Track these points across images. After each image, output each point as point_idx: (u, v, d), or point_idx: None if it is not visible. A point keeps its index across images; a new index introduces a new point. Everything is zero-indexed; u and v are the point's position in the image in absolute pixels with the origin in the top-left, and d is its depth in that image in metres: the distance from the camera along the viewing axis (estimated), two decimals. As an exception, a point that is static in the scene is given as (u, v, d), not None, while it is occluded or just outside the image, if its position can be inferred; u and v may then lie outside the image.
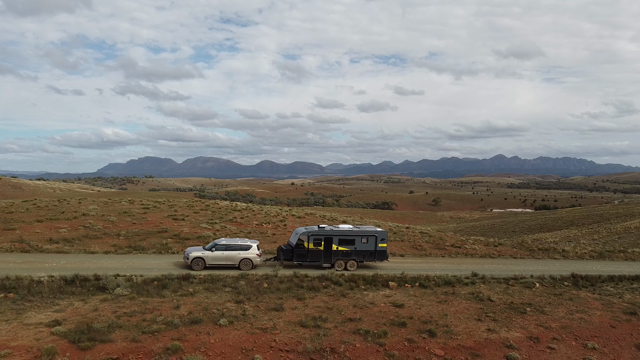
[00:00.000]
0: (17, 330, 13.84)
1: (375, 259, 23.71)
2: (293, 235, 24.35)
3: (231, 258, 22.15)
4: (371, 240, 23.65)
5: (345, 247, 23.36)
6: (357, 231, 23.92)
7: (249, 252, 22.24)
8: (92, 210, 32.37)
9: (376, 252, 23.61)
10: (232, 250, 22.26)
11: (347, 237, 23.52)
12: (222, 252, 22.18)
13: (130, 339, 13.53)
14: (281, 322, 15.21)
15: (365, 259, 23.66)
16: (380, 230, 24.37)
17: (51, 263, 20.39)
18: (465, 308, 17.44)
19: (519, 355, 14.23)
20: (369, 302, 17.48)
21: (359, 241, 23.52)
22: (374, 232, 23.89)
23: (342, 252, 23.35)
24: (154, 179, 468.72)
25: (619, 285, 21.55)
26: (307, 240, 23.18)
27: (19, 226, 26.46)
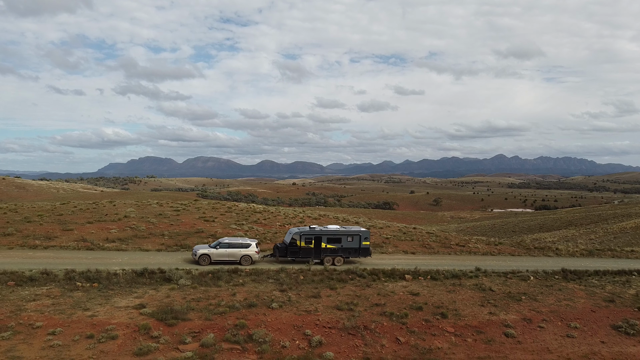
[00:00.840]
0: (112, 311, 17.27)
1: (359, 255, 26.67)
2: (287, 235, 27.35)
3: (233, 255, 25.13)
4: (356, 238, 26.66)
5: (333, 245, 26.43)
6: (344, 231, 26.96)
7: (249, 250, 25.29)
8: (130, 212, 35.77)
9: (360, 249, 26.59)
10: (233, 248, 25.24)
11: (334, 236, 26.58)
12: (225, 249, 25.14)
13: (204, 318, 16.97)
14: (320, 306, 18.63)
15: (351, 255, 26.65)
16: (364, 230, 27.40)
17: (117, 259, 23.83)
18: (470, 296, 20.83)
19: (515, 332, 17.63)
20: (390, 291, 20.87)
21: (345, 240, 26.56)
22: (358, 232, 26.92)
23: (330, 249, 26.39)
24: (155, 179, 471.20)
25: (603, 279, 24.90)
26: (300, 239, 26.22)
27: (74, 227, 29.89)
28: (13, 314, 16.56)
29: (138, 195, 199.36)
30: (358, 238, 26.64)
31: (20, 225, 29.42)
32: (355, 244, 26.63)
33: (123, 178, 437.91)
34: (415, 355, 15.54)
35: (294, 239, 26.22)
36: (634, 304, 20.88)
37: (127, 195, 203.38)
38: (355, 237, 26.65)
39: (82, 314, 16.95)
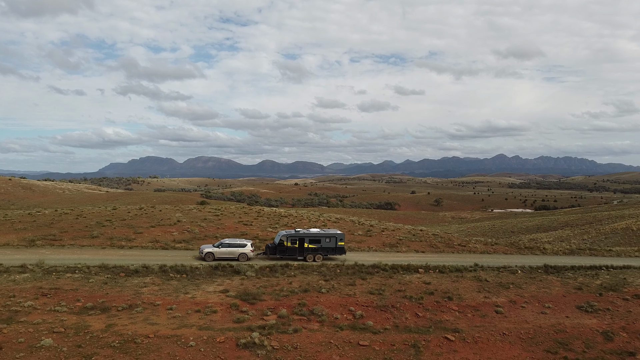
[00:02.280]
0: (205, 294, 23.41)
1: (336, 253, 31.47)
2: (277, 236, 32.23)
3: (232, 253, 29.89)
4: (333, 240, 31.51)
5: (314, 245, 31.26)
6: (323, 233, 31.77)
7: (245, 249, 30.31)
8: (180, 217, 41.89)
9: (337, 248, 31.44)
10: (233, 247, 30.05)
11: (315, 238, 31.39)
12: (226, 248, 29.93)
13: (274, 299, 23.10)
14: (357, 291, 24.75)
15: (329, 253, 31.37)
16: (340, 232, 32.29)
17: (189, 256, 29.97)
18: (470, 285, 26.92)
19: (503, 310, 23.72)
20: (408, 281, 26.96)
21: (324, 241, 31.41)
22: (335, 234, 31.82)
23: (312, 248, 31.21)
24: (158, 179, 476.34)
25: (577, 272, 30.94)
26: (287, 240, 31.07)
27: (143, 231, 36.04)
28: (135, 296, 22.70)
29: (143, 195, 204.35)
30: (335, 239, 31.66)
31: (99, 229, 35.56)
32: (332, 244, 31.53)
33: (126, 178, 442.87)
34: (430, 324, 21.65)
35: (282, 240, 31.25)
36: (597, 291, 26.98)
37: (132, 195, 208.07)
38: (332, 239, 31.65)
39: (184, 296, 23.09)
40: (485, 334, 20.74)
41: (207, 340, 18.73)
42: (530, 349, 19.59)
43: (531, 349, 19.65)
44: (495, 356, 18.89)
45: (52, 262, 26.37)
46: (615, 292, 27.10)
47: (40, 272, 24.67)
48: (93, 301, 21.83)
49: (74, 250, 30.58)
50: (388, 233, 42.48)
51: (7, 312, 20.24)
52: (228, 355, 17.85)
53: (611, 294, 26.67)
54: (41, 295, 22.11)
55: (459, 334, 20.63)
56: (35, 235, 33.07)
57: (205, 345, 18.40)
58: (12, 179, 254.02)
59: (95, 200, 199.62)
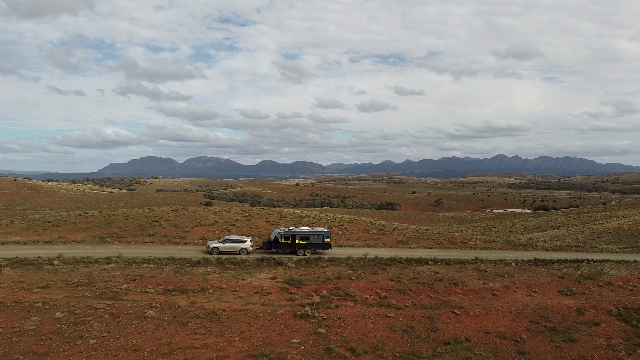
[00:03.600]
0: (258, 280, 29.08)
1: (323, 248, 36.14)
2: (272, 234, 36.92)
3: (234, 247, 34.46)
4: (320, 237, 36.21)
5: (303, 241, 35.90)
6: (312, 231, 36.51)
7: (245, 244, 35.02)
8: (215, 218, 47.53)
9: (323, 244, 36.17)
10: (235, 243, 34.74)
11: (305, 235, 36.05)
12: (230, 243, 34.49)
13: (314, 284, 28.76)
14: (379, 278, 30.41)
15: (317, 248, 36.00)
16: (326, 230, 37.06)
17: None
18: (471, 274, 32.57)
19: (498, 293, 29.35)
20: (420, 271, 32.61)
21: (313, 237, 36.14)
22: (322, 232, 36.51)
23: (302, 244, 35.84)
24: (160, 180, 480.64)
25: (561, 265, 36.58)
26: (281, 237, 35.73)
27: (189, 230, 41.72)
28: (204, 282, 28.37)
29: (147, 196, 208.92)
30: (322, 236, 36.46)
31: (152, 229, 41.23)
32: (320, 240, 36.29)
33: (128, 179, 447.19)
34: (440, 303, 27.33)
35: (277, 236, 35.99)
36: (576, 279, 32.63)
37: (136, 196, 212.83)
38: (320, 236, 36.44)
39: (242, 281, 28.77)
40: (484, 309, 26.42)
41: (271, 313, 24.42)
42: (518, 320, 25.25)
43: (519, 320, 25.30)
44: (492, 325, 24.54)
45: (128, 255, 32.05)
46: (592, 280, 32.74)
47: (122, 263, 30.36)
48: (172, 285, 27.51)
49: (139, 245, 36.25)
50: (398, 232, 48.12)
51: (110, 292, 25.90)
52: (289, 323, 23.53)
53: (588, 282, 32.31)
54: (130, 280, 27.79)
55: (463, 309, 26.31)
56: (102, 234, 38.78)
57: (270, 316, 24.08)
58: (17, 180, 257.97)
59: (101, 201, 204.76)
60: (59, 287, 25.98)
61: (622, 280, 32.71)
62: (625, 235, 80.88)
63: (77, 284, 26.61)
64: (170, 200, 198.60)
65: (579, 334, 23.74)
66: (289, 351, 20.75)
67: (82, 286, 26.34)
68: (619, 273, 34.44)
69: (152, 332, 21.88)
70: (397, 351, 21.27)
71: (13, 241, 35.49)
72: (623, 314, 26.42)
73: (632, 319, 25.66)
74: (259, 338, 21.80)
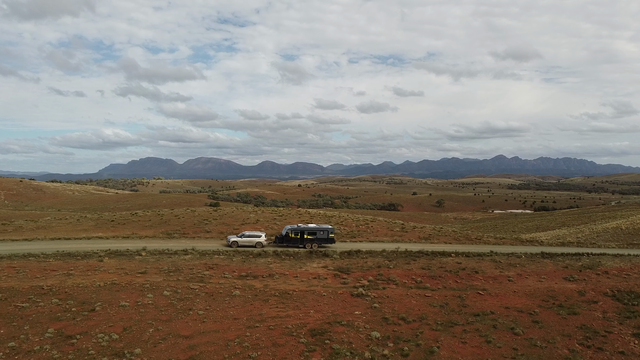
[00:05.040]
0: (313, 268, 34.84)
1: (328, 242, 41.15)
2: (283, 229, 42.36)
3: (251, 241, 39.69)
4: (325, 232, 41.32)
5: (311, 236, 40.95)
6: (318, 227, 41.82)
7: (261, 239, 40.33)
8: (255, 217, 53.28)
9: (328, 239, 41.20)
10: (251, 237, 40.06)
11: (312, 231, 41.16)
12: (247, 238, 39.75)
13: (360, 271, 34.50)
14: (413, 267, 36.16)
15: (322, 242, 40.97)
16: (330, 227, 42.32)
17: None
18: (489, 264, 38.31)
19: (513, 279, 35.09)
20: (445, 261, 38.34)
21: (319, 233, 41.28)
22: (327, 228, 41.76)
23: (309, 239, 40.79)
24: (162, 181, 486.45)
25: (565, 257, 42.32)
26: (291, 232, 41.00)
27: (238, 227, 47.45)
28: (268, 269, 34.11)
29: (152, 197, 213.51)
30: (327, 232, 41.56)
31: (207, 226, 47.00)
32: (325, 235, 41.34)
33: (131, 180, 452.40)
34: (466, 286, 33.07)
35: (288, 232, 41.35)
36: (578, 269, 38.39)
37: (141, 196, 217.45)
38: (325, 232, 41.55)
39: (299, 269, 34.52)
40: (502, 291, 32.20)
41: (332, 293, 30.19)
42: (531, 299, 30.99)
43: (532, 299, 31.05)
44: (510, 302, 30.29)
45: (199, 248, 37.80)
46: (591, 269, 38.48)
47: (197, 254, 36.14)
48: (244, 272, 33.27)
49: (202, 240, 42.04)
50: (418, 230, 53.90)
51: (197, 277, 31.65)
52: (349, 300, 29.29)
53: (588, 271, 38.06)
54: (209, 268, 33.54)
55: (486, 291, 32.09)
56: (167, 231, 44.59)
57: (332, 295, 29.84)
58: (23, 181, 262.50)
59: (107, 202, 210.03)
60: (154, 273, 31.74)
61: (616, 270, 38.47)
62: (623, 234, 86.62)
63: (168, 270, 32.37)
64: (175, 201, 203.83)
65: (580, 309, 29.47)
66: (354, 320, 26.49)
67: (172, 272, 32.11)
68: (614, 264, 40.21)
69: (242, 306, 27.62)
70: (438, 320, 27.02)
71: (97, 236, 41.27)
72: (617, 295, 32.16)
73: (624, 298, 31.40)
74: (328, 311, 27.55)
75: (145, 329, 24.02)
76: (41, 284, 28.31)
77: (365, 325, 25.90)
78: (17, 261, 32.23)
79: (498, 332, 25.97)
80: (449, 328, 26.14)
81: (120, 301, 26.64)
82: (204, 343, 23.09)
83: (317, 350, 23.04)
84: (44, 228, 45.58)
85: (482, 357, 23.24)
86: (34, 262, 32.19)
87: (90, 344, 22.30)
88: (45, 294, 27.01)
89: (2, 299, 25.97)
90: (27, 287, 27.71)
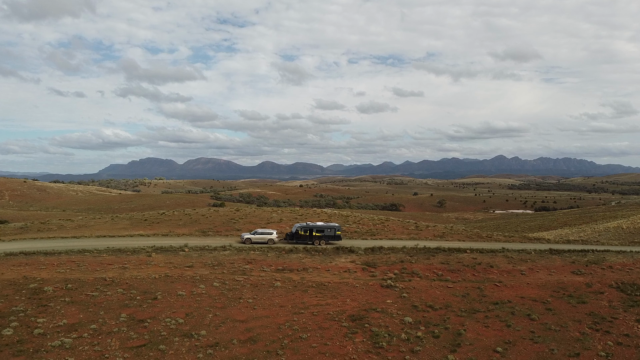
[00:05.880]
0: (342, 263, 37.98)
1: (335, 239, 43.91)
2: (293, 227, 45.14)
3: (263, 238, 42.53)
4: (332, 230, 44.15)
5: (319, 233, 43.95)
6: (325, 225, 44.69)
7: (272, 236, 43.68)
8: (279, 217, 56.39)
9: (335, 236, 44.14)
10: (264, 235, 43.08)
11: (320, 228, 44.07)
12: (259, 235, 42.56)
13: (385, 265, 37.64)
14: (433, 262, 39.30)
15: (329, 239, 43.78)
16: (337, 225, 45.21)
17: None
18: (502, 260, 41.44)
19: (525, 273, 38.23)
20: (461, 257, 41.47)
21: (327, 230, 44.14)
22: (334, 226, 44.63)
23: (318, 236, 43.83)
24: (164, 181, 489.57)
25: (571, 253, 45.44)
26: (301, 230, 43.95)
27: (264, 225, 50.52)
28: (301, 264, 37.23)
29: (156, 197, 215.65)
30: (334, 230, 44.44)
31: (235, 225, 50.11)
32: (332, 233, 44.14)
33: (133, 180, 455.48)
34: (483, 279, 36.21)
35: (298, 229, 44.34)
36: (584, 264, 41.52)
37: (145, 197, 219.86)
38: (332, 229, 44.43)
39: (330, 264, 37.65)
40: (517, 283, 35.34)
41: (364, 284, 33.33)
42: (543, 290, 34.12)
43: (544, 290, 34.18)
44: (525, 292, 33.42)
45: (235, 245, 40.90)
46: (597, 264, 41.62)
47: (234, 250, 39.27)
48: (280, 266, 36.40)
49: (234, 237, 45.25)
50: (431, 228, 57.05)
51: (239, 270, 34.78)
52: (379, 291, 32.43)
53: (593, 266, 41.20)
54: (247, 262, 36.68)
55: (502, 283, 35.23)
56: (201, 229, 47.74)
57: (364, 287, 32.98)
58: (27, 181, 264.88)
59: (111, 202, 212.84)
60: (200, 267, 34.88)
61: (620, 265, 41.61)
62: (624, 234, 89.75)
63: (212, 264, 35.52)
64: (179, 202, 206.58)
65: (588, 299, 32.59)
66: (387, 307, 29.62)
67: (216, 266, 35.25)
68: (618, 260, 43.36)
69: (285, 295, 30.75)
70: (462, 308, 30.15)
71: (138, 234, 44.41)
72: (621, 286, 35.29)
73: (627, 290, 34.54)
74: (363, 299, 30.68)
75: (205, 314, 27.14)
76: (103, 276, 31.44)
77: (398, 312, 29.03)
78: (75, 256, 35.37)
79: (516, 317, 29.10)
80: (472, 314, 29.28)
81: (177, 291, 29.76)
82: (259, 326, 26.21)
83: (359, 332, 26.18)
84: (84, 227, 48.70)
85: (504, 339, 26.37)
86: (89, 257, 35.33)
87: (160, 326, 25.41)
88: (109, 284, 30.12)
89: (73, 288, 29.08)
90: (92, 278, 30.83)
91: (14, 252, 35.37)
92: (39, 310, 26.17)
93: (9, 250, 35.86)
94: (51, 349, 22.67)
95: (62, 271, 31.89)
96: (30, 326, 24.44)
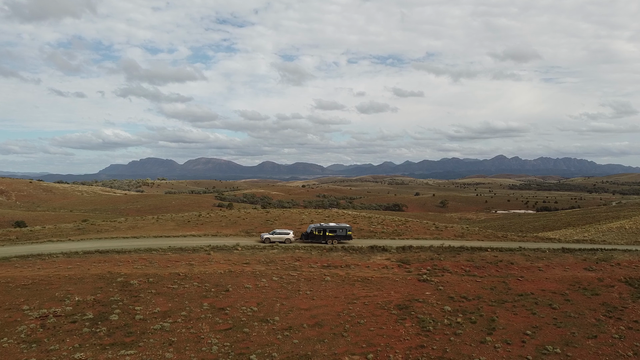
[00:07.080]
0: (379, 260, 42.41)
1: (346, 239, 47.95)
2: (308, 228, 49.10)
3: (281, 238, 47.26)
4: (344, 230, 48.32)
5: (332, 233, 48.04)
6: (337, 226, 48.71)
7: (289, 235, 47.92)
8: (308, 218, 60.78)
9: (346, 236, 48.25)
10: (281, 234, 47.65)
11: (332, 229, 48.07)
12: (278, 235, 47.44)
13: (418, 262, 42.07)
14: (459, 259, 43.70)
15: (341, 239, 47.81)
16: (348, 225, 49.50)
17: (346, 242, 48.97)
18: (520, 257, 45.83)
19: (542, 269, 42.64)
20: (484, 255, 45.82)
21: (339, 231, 48.19)
22: (345, 227, 48.78)
23: (330, 236, 47.89)
24: (166, 181, 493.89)
25: (582, 252, 49.80)
26: (315, 230, 48.07)
27: (299, 226, 54.93)
28: (343, 261, 41.62)
29: (161, 198, 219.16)
30: (345, 230, 48.68)
31: (272, 226, 54.47)
32: (343, 233, 48.41)
33: (136, 180, 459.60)
34: (506, 274, 40.62)
35: (312, 230, 48.48)
36: (595, 261, 45.92)
37: (149, 197, 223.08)
38: (344, 230, 48.66)
39: (368, 261, 42.06)
40: (536, 278, 39.80)
41: (403, 278, 37.77)
42: (561, 284, 38.57)
43: (561, 284, 38.62)
44: (545, 286, 37.86)
45: (279, 244, 45.28)
46: (606, 262, 46.02)
47: (281, 249, 43.67)
48: (325, 263, 40.81)
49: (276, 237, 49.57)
50: (450, 229, 61.50)
51: (290, 267, 39.19)
52: (417, 284, 36.86)
53: (603, 263, 45.60)
54: (296, 260, 41.09)
55: (523, 278, 39.68)
56: (245, 229, 52.17)
57: (403, 281, 37.41)
58: (33, 182, 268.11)
59: (116, 202, 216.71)
60: (256, 264, 39.32)
61: (627, 262, 46.05)
62: (627, 233, 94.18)
63: (264, 261, 39.95)
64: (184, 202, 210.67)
65: (601, 291, 37.05)
66: (427, 298, 34.05)
67: (270, 263, 39.69)
68: (625, 258, 47.79)
69: (336, 288, 35.18)
70: (492, 299, 34.60)
71: (190, 234, 48.82)
72: (629, 281, 39.75)
73: (634, 283, 39.01)
74: (404, 292, 35.12)
75: (273, 304, 31.57)
76: (175, 271, 35.87)
77: (437, 302, 33.48)
78: (144, 254, 39.81)
79: (539, 307, 33.55)
80: (501, 304, 33.72)
81: (243, 284, 34.20)
82: (321, 314, 30.64)
83: (407, 319, 30.63)
84: (135, 228, 53.13)
85: (531, 324, 30.82)
86: (157, 255, 39.76)
87: (239, 313, 29.84)
88: (183, 279, 34.55)
89: (154, 282, 33.50)
90: (167, 273, 35.26)
91: (90, 251, 39.78)
92: (133, 300, 30.58)
93: (86, 249, 40.25)
94: (154, 331, 27.09)
95: (139, 267, 36.31)
96: (131, 313, 28.86)
